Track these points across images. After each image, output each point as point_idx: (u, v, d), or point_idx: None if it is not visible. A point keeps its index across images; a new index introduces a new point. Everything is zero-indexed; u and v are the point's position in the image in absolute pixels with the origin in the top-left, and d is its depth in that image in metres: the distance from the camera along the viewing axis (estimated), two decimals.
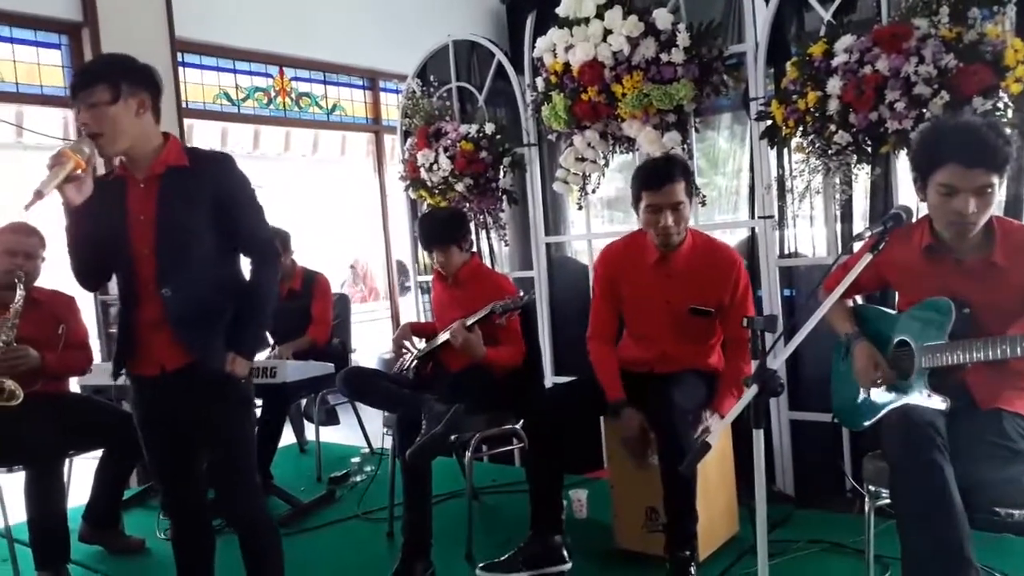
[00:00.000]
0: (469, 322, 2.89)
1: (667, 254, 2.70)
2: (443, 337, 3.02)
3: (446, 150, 4.08)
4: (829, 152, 3.01)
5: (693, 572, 2.52)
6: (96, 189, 2.08)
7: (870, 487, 2.16)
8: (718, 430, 1.67)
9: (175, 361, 2.13)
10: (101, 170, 2.20)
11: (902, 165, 2.95)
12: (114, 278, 2.23)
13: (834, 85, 2.86)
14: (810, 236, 3.42)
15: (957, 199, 1.96)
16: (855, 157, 3.00)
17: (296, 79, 5.60)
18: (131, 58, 2.11)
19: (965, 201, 1.94)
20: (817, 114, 2.95)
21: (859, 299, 2.55)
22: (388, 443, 3.18)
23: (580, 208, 3.87)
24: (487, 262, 4.26)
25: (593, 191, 3.81)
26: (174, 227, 2.08)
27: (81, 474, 3.42)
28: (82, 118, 2.03)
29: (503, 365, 2.99)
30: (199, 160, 2.14)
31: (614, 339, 2.87)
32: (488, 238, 4.30)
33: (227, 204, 2.12)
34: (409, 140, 4.37)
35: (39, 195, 1.89)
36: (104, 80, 2.01)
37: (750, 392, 1.66)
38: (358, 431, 4.47)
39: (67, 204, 2.02)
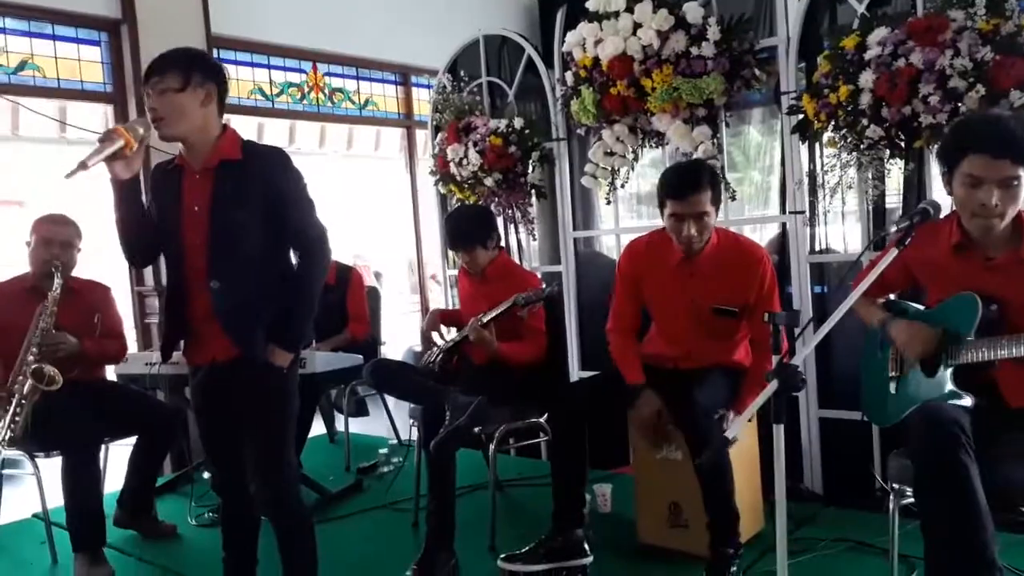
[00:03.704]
0: (484, 319, 2.91)
1: (692, 254, 2.68)
2: (465, 331, 3.04)
3: (475, 145, 4.09)
4: (861, 147, 2.97)
5: (733, 570, 2.51)
6: (155, 176, 2.16)
7: (894, 485, 2.14)
8: (737, 425, 1.66)
9: (225, 352, 2.18)
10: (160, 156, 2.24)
11: (936, 160, 2.90)
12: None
13: (867, 79, 2.82)
14: (842, 232, 3.38)
15: (981, 190, 1.92)
16: (888, 152, 2.96)
17: (329, 74, 5.65)
18: (205, 53, 2.18)
19: (989, 192, 1.91)
20: (849, 108, 2.91)
21: (892, 297, 2.52)
22: (415, 435, 3.21)
23: (609, 203, 3.86)
24: (515, 257, 4.27)
25: (622, 186, 3.80)
26: (226, 221, 2.11)
27: (116, 461, 3.51)
28: (150, 103, 2.09)
29: (519, 360, 3.00)
30: (252, 155, 2.17)
31: (635, 332, 2.86)
32: (517, 233, 4.31)
33: (277, 200, 2.13)
34: (439, 135, 4.39)
35: (83, 166, 1.94)
36: (176, 68, 2.07)
37: (770, 388, 1.65)
38: (387, 422, 4.52)
39: (114, 180, 2.08)
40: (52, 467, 3.05)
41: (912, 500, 2.07)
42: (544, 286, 3.05)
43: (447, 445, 2.72)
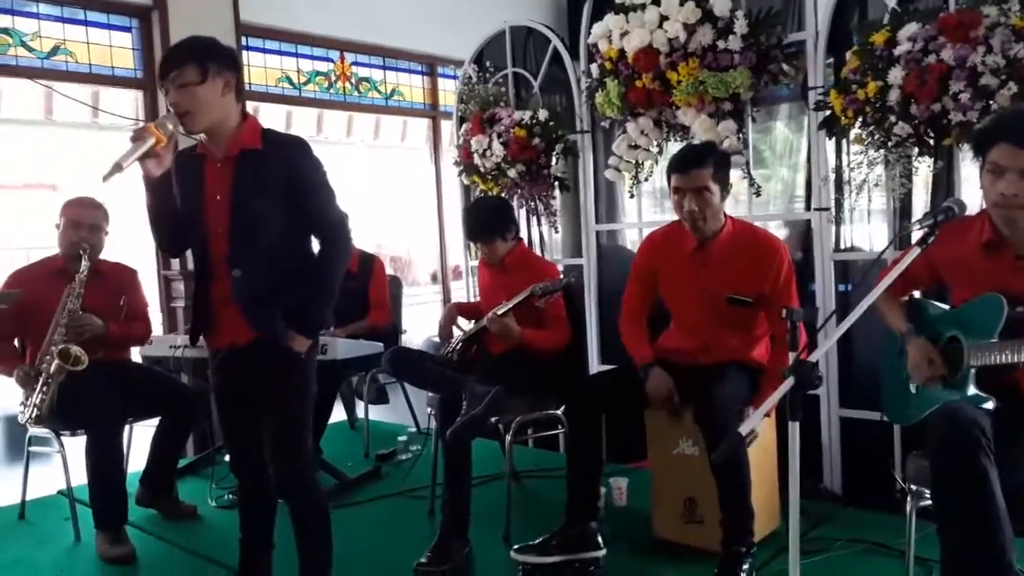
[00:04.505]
0: (500, 311, 2.92)
1: (705, 242, 2.67)
2: (484, 323, 3.05)
3: (499, 136, 4.09)
4: (889, 144, 2.93)
5: (746, 568, 2.49)
6: (177, 163, 2.17)
7: (912, 487, 2.11)
8: (752, 421, 1.65)
9: (244, 336, 2.20)
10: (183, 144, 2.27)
11: (965, 159, 2.86)
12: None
13: (896, 75, 2.78)
14: (867, 230, 3.34)
15: (1003, 180, 1.90)
16: (916, 150, 2.92)
17: (356, 64, 5.68)
18: (216, 40, 2.18)
19: (1010, 182, 1.89)
20: (877, 104, 2.87)
21: (916, 294, 2.49)
22: (433, 423, 3.23)
23: (632, 196, 3.85)
24: (537, 249, 4.27)
25: (645, 179, 3.78)
26: (247, 210, 2.14)
27: (140, 441, 3.56)
28: (171, 97, 2.11)
29: (543, 348, 3.00)
30: (273, 143, 2.18)
31: (646, 320, 2.86)
32: (539, 225, 4.31)
33: (298, 188, 2.15)
34: (464, 126, 4.39)
35: (118, 168, 1.97)
36: (193, 61, 2.09)
37: (786, 384, 1.64)
38: (407, 410, 4.55)
39: (146, 177, 2.11)
40: (78, 445, 3.11)
41: (931, 502, 2.04)
42: (562, 276, 3.04)
43: (463, 434, 2.73)
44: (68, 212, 3.21)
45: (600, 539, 2.66)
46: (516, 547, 2.68)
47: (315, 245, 2.29)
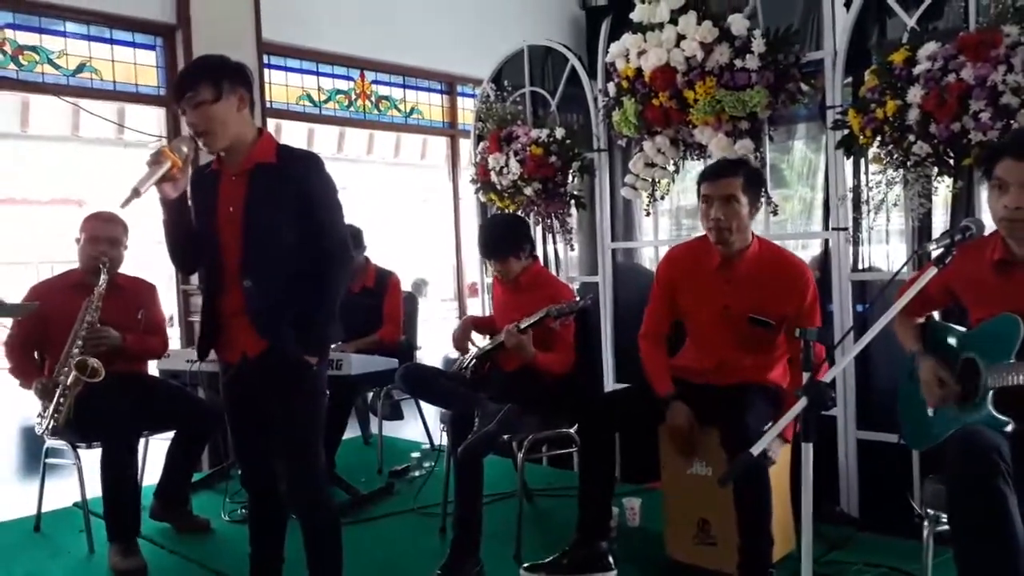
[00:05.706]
0: (522, 326, 2.91)
1: (730, 259, 2.64)
2: (500, 338, 3.04)
3: (516, 154, 4.10)
4: (907, 163, 2.90)
5: None
6: (193, 179, 2.21)
7: (929, 511, 2.07)
8: (763, 442, 1.62)
9: (255, 348, 2.22)
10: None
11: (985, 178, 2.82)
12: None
13: (915, 94, 2.76)
14: (886, 251, 3.31)
15: (1007, 194, 1.89)
16: (935, 169, 2.89)
17: (376, 82, 5.73)
18: (225, 57, 2.22)
19: (1013, 196, 1.88)
20: (896, 124, 2.85)
21: (936, 315, 2.45)
22: (447, 440, 3.22)
23: (648, 214, 3.84)
24: (552, 267, 4.26)
25: (662, 197, 3.77)
26: (259, 222, 2.17)
27: (155, 455, 3.58)
28: (189, 118, 2.15)
29: (551, 371, 2.99)
30: (287, 158, 2.21)
31: (666, 339, 2.83)
32: (554, 242, 4.31)
33: (309, 202, 2.18)
34: (481, 144, 4.41)
35: (136, 193, 2.01)
36: (206, 80, 2.12)
37: (799, 405, 1.62)
38: (421, 427, 4.54)
39: (163, 199, 2.15)
40: (94, 457, 3.12)
41: (948, 527, 2.00)
42: (577, 298, 3.03)
43: (474, 451, 2.72)
44: (88, 227, 3.25)
45: (611, 559, 2.63)
46: (526, 565, 2.66)
47: None
